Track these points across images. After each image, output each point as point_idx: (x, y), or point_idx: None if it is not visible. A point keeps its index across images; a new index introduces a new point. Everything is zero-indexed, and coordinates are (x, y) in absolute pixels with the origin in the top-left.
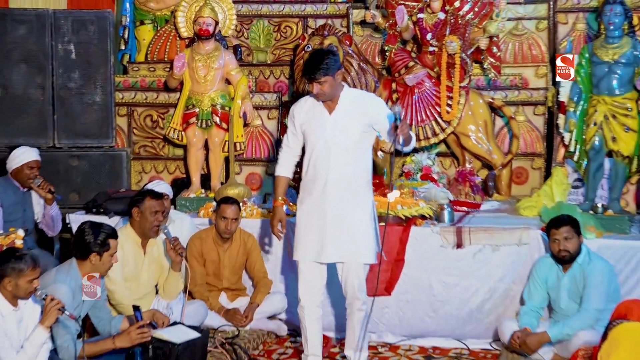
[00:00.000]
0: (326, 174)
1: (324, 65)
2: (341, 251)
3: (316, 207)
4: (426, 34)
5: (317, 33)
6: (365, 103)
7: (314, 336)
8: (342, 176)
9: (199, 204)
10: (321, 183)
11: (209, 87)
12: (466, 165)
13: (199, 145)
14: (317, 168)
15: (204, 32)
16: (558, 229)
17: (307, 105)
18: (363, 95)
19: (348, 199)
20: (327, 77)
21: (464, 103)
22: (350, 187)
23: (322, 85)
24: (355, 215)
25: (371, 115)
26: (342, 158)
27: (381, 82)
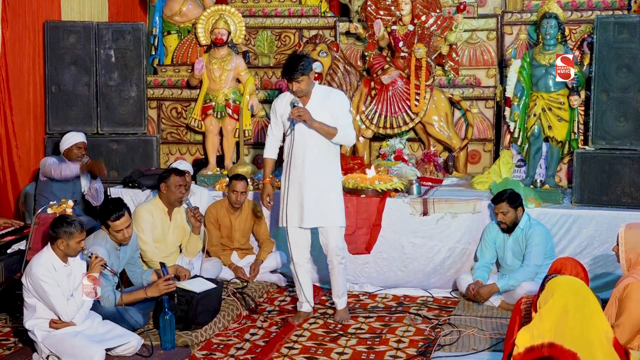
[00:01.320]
0: (303, 155)
1: (300, 67)
2: (318, 217)
3: (295, 183)
4: (398, 42)
5: (310, 41)
6: (329, 99)
7: (306, 286)
8: (315, 156)
9: (215, 179)
10: (299, 162)
11: (223, 85)
12: (431, 149)
13: (215, 132)
14: (294, 150)
15: (219, 40)
16: (497, 205)
17: (285, 99)
18: (329, 92)
19: (321, 175)
20: (303, 76)
21: (429, 98)
22: (322, 165)
23: (300, 84)
24: (327, 187)
25: (333, 109)
26: (314, 141)
27: (362, 81)
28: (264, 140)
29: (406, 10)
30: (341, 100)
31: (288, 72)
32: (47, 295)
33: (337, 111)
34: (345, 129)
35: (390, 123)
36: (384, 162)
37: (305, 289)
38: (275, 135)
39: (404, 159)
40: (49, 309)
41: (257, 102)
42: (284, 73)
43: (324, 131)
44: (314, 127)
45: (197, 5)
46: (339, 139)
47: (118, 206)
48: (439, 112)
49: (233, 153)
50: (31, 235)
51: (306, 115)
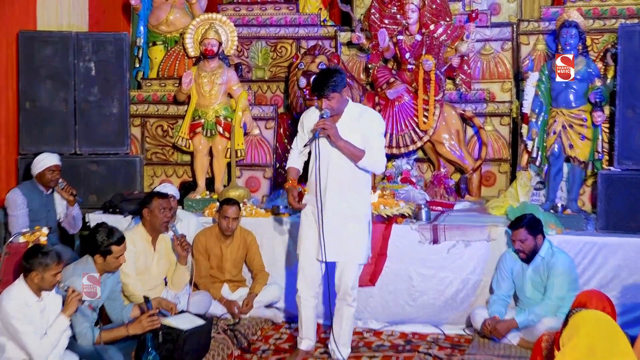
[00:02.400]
0: (326, 179)
1: (332, 83)
2: (338, 251)
3: (316, 208)
4: (405, 53)
5: (309, 53)
6: (362, 118)
7: (309, 322)
8: (341, 181)
9: (204, 204)
10: (322, 187)
11: (213, 100)
12: (441, 170)
13: (204, 152)
14: (318, 173)
15: (209, 52)
16: (514, 231)
17: (315, 114)
18: (364, 111)
19: (346, 203)
20: (334, 93)
21: (438, 114)
22: (348, 191)
23: (330, 101)
24: (352, 218)
25: (364, 130)
26: (340, 165)
27: (365, 96)
28: (257, 162)
29: (413, 18)
30: (374, 121)
31: (317, 88)
32: (18, 333)
33: (368, 133)
34: (374, 153)
35: (397, 142)
36: (389, 185)
37: (306, 324)
38: (300, 151)
39: (412, 181)
40: (20, 349)
41: (251, 119)
42: (313, 88)
43: (349, 152)
44: (338, 145)
45: (185, 14)
46: (365, 163)
47: (111, 229)
48: (450, 129)
49: (224, 175)
50: (1, 266)
51: (332, 130)
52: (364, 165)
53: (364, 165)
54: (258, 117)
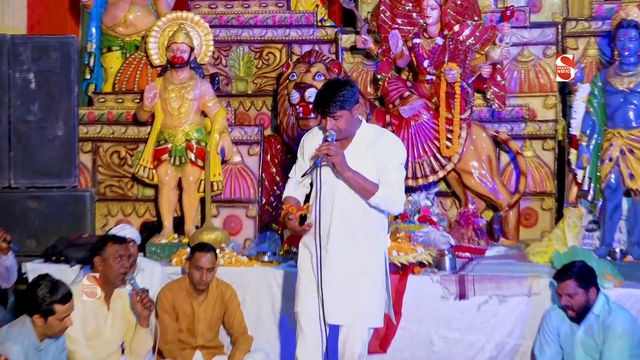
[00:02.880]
0: (329, 219)
1: (340, 98)
2: (344, 312)
3: (316, 257)
4: (423, 60)
5: (302, 60)
6: (378, 144)
7: None
8: (349, 223)
9: (171, 250)
10: (323, 229)
11: (183, 120)
12: (469, 206)
13: (171, 185)
14: (321, 210)
15: (177, 60)
16: (561, 283)
17: (319, 137)
18: (380, 134)
19: (355, 251)
20: (343, 111)
21: (465, 137)
22: (358, 236)
23: (337, 121)
24: (363, 271)
25: (380, 158)
26: (348, 202)
27: (374, 114)
28: (238, 197)
29: (433, 17)
30: (393, 147)
31: (322, 103)
32: None
33: (384, 162)
34: (391, 188)
35: (414, 171)
36: (404, 226)
37: None
38: (299, 181)
39: (432, 220)
40: None
41: (230, 143)
42: (316, 104)
43: (358, 186)
44: (345, 177)
45: (148, 12)
46: (379, 200)
47: (54, 283)
48: (480, 156)
49: (197, 214)
50: None
51: (337, 157)
52: (377, 204)
53: (377, 204)
54: (239, 140)
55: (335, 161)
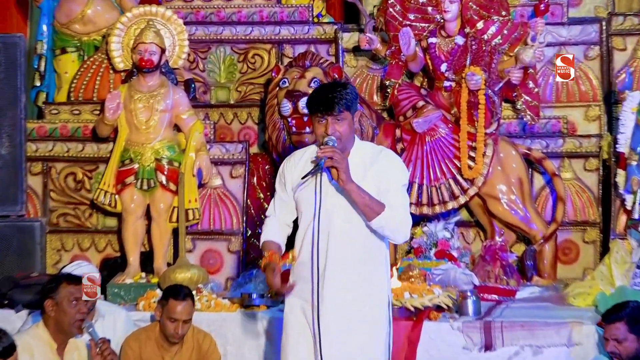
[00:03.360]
0: (325, 259)
1: (345, 96)
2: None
3: (310, 305)
4: (440, 64)
5: (296, 64)
6: (377, 164)
7: None
8: (348, 255)
9: (137, 292)
10: (318, 271)
11: (152, 135)
12: (496, 239)
13: (138, 213)
14: (313, 250)
15: (145, 63)
16: (608, 326)
17: (302, 161)
18: (378, 152)
19: (355, 291)
20: (347, 113)
21: (491, 155)
22: (359, 271)
23: (339, 124)
24: (363, 314)
25: (379, 182)
26: (347, 231)
27: (381, 128)
28: (219, 228)
29: (452, 12)
30: (394, 166)
31: (323, 102)
32: None
33: (386, 182)
34: (396, 210)
35: (429, 197)
36: (418, 262)
37: None
38: (279, 218)
39: (452, 256)
40: None
41: (209, 163)
42: (314, 104)
43: (362, 202)
44: (348, 189)
45: (110, 7)
46: (384, 222)
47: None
48: (509, 177)
49: (168, 248)
50: None
51: (343, 164)
52: (382, 226)
53: (382, 226)
54: (220, 160)
55: (340, 168)
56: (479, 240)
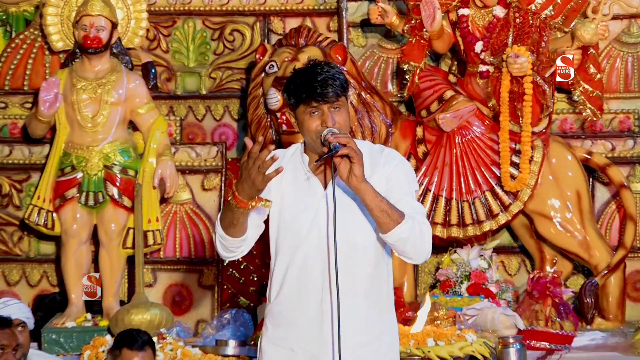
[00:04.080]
0: (320, 298)
1: (338, 76)
2: None
3: (302, 350)
4: (474, 42)
5: (287, 42)
6: (378, 164)
7: None
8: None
9: (81, 339)
10: (311, 314)
11: (101, 135)
12: (546, 269)
13: (82, 237)
14: (302, 286)
15: (92, 42)
16: None
17: (290, 165)
18: (376, 152)
19: (365, 336)
20: (343, 98)
21: (540, 161)
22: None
23: (339, 113)
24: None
25: (387, 184)
26: (356, 261)
27: (397, 126)
28: (187, 255)
29: None
30: (402, 168)
31: (314, 88)
32: None
33: (397, 189)
34: (417, 219)
35: (460, 215)
36: (445, 299)
37: None
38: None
39: (490, 291)
40: None
41: (174, 171)
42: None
43: (378, 208)
44: (363, 191)
45: None
46: (406, 234)
47: None
48: (563, 190)
49: (121, 281)
50: None
51: (359, 155)
52: (402, 239)
53: (402, 239)
54: (189, 167)
55: (357, 159)
56: (524, 272)
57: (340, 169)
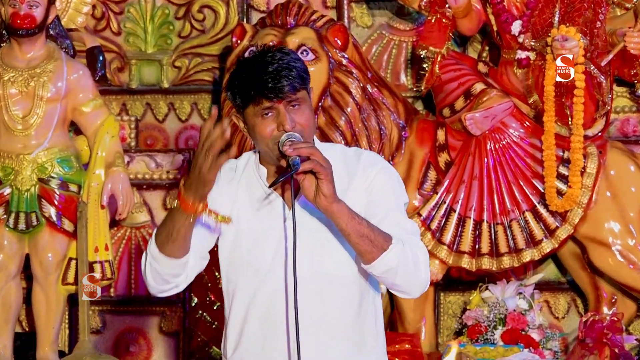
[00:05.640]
0: (289, 347)
1: (293, 65)
2: None
3: None
4: (511, 22)
5: (272, 22)
6: (357, 176)
7: None
8: (328, 345)
9: None
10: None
11: (34, 140)
12: (603, 311)
13: (10, 270)
14: (267, 335)
15: (22, 21)
16: None
17: (243, 180)
18: (351, 157)
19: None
20: (304, 91)
21: (595, 173)
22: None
23: (300, 112)
24: None
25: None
26: (324, 305)
27: (413, 128)
28: (144, 293)
29: None
30: (387, 176)
31: (265, 82)
32: None
33: (378, 200)
34: (409, 242)
35: (492, 242)
36: (474, 350)
37: None
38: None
39: (531, 338)
40: None
41: (128, 185)
42: (249, 86)
43: (357, 232)
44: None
45: None
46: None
47: None
48: (624, 210)
49: (59, 327)
50: None
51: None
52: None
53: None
54: (147, 181)
55: (324, 175)
56: (574, 314)
57: (304, 188)
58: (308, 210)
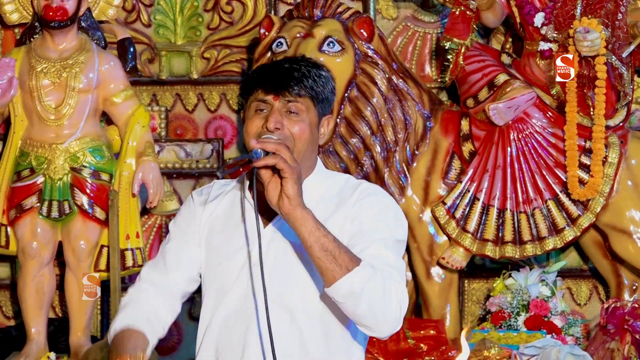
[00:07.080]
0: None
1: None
2: None
3: None
4: (534, 14)
5: (299, 14)
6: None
7: None
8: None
9: None
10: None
11: (67, 130)
12: (625, 298)
13: (44, 257)
14: (218, 352)
15: (54, 14)
16: None
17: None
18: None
19: None
20: (309, 101)
21: (616, 163)
22: None
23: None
24: None
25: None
26: (288, 343)
27: (438, 118)
28: None
29: None
30: (384, 207)
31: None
32: None
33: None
34: (384, 272)
35: (516, 230)
36: (497, 335)
37: None
38: (163, 282)
39: (554, 325)
40: None
41: (159, 175)
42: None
43: (318, 246)
44: (298, 219)
45: None
46: (359, 287)
47: None
48: None
49: (92, 312)
50: None
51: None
52: (352, 295)
53: (352, 295)
54: (177, 170)
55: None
56: (596, 301)
57: (268, 191)
58: (283, 233)
